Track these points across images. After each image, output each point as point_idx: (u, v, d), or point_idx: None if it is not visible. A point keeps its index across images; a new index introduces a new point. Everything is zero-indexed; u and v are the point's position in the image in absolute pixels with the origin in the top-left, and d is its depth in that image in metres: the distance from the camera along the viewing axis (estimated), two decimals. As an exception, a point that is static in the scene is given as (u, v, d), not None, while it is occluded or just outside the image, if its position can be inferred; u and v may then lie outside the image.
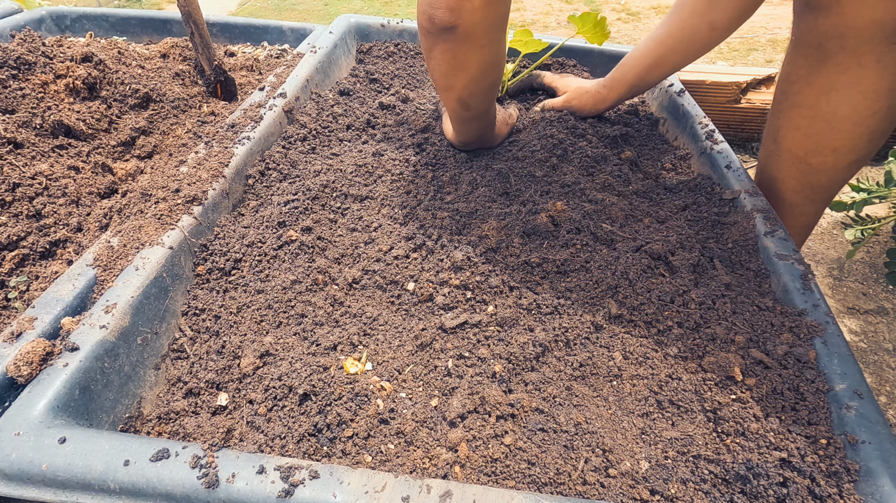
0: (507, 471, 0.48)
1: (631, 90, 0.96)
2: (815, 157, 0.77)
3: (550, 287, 0.64)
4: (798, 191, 0.82)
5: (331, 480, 0.43)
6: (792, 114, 0.77)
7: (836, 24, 0.66)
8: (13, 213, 0.67)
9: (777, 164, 0.83)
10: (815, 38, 0.70)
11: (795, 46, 0.74)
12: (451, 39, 0.61)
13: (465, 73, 0.66)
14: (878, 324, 1.19)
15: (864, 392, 0.52)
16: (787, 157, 0.81)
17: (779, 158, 0.82)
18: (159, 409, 0.55)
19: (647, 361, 0.58)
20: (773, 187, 0.85)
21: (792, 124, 0.78)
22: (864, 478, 0.47)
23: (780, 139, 0.81)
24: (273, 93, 0.94)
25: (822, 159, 0.77)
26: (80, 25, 1.25)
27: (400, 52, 1.23)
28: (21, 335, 0.52)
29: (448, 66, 0.65)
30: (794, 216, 0.85)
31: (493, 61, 0.67)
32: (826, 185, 0.81)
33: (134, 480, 0.42)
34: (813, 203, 0.84)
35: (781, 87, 0.79)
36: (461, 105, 0.73)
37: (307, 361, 0.56)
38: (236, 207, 0.76)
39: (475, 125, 0.81)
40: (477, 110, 0.76)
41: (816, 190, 0.81)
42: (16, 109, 0.75)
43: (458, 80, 0.67)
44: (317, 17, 3.21)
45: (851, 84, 0.70)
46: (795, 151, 0.79)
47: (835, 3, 0.65)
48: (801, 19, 0.72)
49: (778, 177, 0.83)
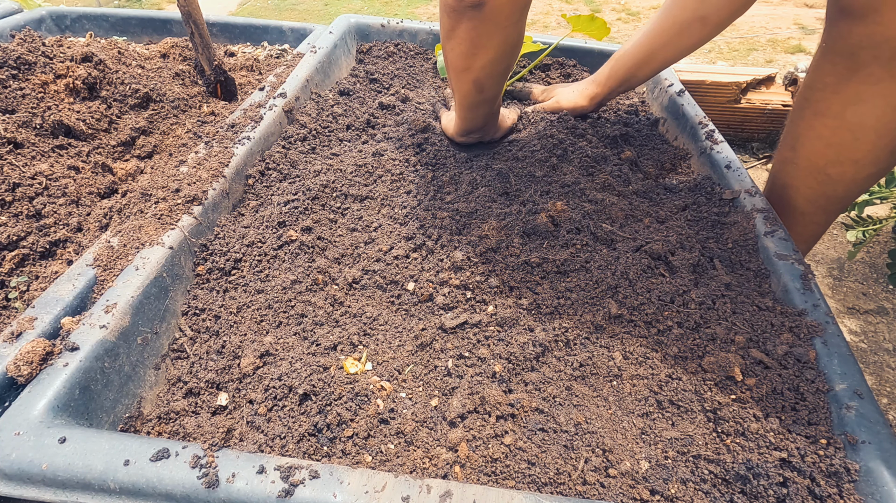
0: (507, 471, 0.48)
1: (622, 85, 0.95)
2: (835, 168, 0.76)
3: (550, 287, 0.64)
4: (812, 200, 0.81)
5: (331, 480, 0.43)
6: (815, 122, 0.75)
7: (871, 34, 0.65)
8: (13, 213, 0.67)
9: (793, 172, 0.81)
10: (847, 46, 0.68)
11: (824, 54, 0.72)
12: (477, 18, 0.62)
13: (486, 53, 0.67)
14: (878, 324, 1.19)
15: (864, 392, 0.52)
16: (805, 166, 0.79)
17: (796, 167, 0.80)
18: (159, 409, 0.55)
19: (647, 361, 0.58)
20: (787, 195, 0.83)
21: (814, 133, 0.76)
22: (864, 478, 0.47)
23: (800, 147, 0.79)
24: (273, 93, 0.94)
25: (841, 170, 0.75)
26: (80, 25, 1.25)
27: (400, 52, 1.23)
28: (21, 335, 0.52)
29: (469, 46, 0.66)
30: (805, 225, 0.84)
31: (515, 42, 0.68)
32: (841, 196, 0.79)
33: (134, 480, 0.42)
34: (825, 213, 0.82)
35: (805, 93, 0.76)
36: (476, 87, 0.73)
37: (307, 361, 0.56)
38: (236, 207, 0.76)
39: (483, 111, 0.81)
40: (490, 93, 0.76)
41: (831, 200, 0.80)
42: (16, 109, 0.75)
43: (478, 60, 0.68)
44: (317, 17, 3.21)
45: (881, 96, 0.68)
46: (815, 161, 0.77)
47: (872, 12, 0.63)
48: (833, 26, 0.69)
49: (793, 185, 0.82)
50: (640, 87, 1.19)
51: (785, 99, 1.80)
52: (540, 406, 0.53)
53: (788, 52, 2.78)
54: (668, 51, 0.87)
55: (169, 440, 0.47)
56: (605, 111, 1.09)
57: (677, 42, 0.85)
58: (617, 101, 1.14)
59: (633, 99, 1.16)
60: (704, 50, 2.85)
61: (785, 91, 1.84)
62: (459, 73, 0.71)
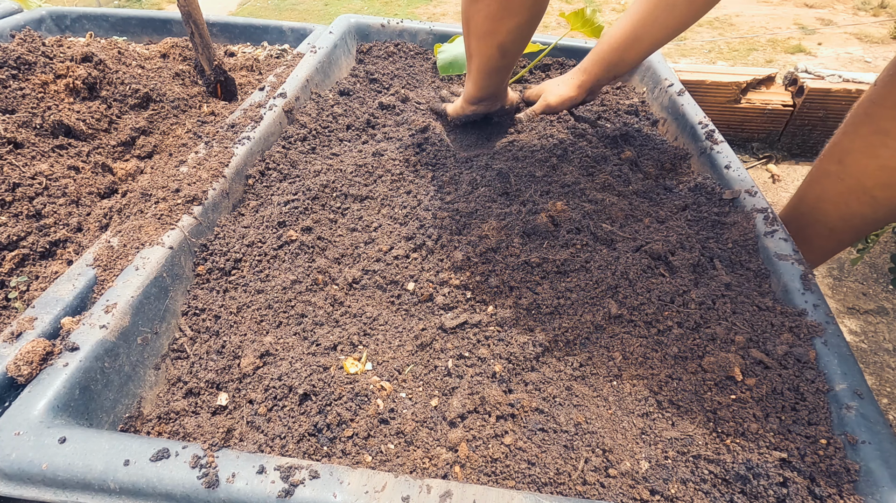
0: (507, 471, 0.48)
1: (609, 70, 0.88)
2: (884, 192, 0.72)
3: (550, 287, 0.64)
4: (847, 219, 0.77)
5: (331, 480, 0.43)
6: (874, 140, 0.71)
7: None
8: (13, 213, 0.67)
9: (834, 186, 0.77)
10: None
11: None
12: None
13: (516, 16, 0.67)
14: (878, 325, 1.19)
15: (864, 392, 0.52)
16: (852, 184, 0.75)
17: (839, 182, 0.76)
18: (159, 409, 0.55)
19: (647, 361, 0.58)
20: (821, 208, 0.79)
21: (870, 151, 0.72)
22: (864, 478, 0.47)
23: (849, 163, 0.74)
24: (273, 93, 0.94)
25: (890, 195, 0.72)
26: (80, 25, 1.25)
27: (400, 52, 1.23)
28: (21, 335, 0.52)
29: (498, 8, 0.66)
30: (830, 240, 0.81)
31: (545, 4, 0.69)
32: (879, 220, 0.76)
33: (134, 480, 0.42)
34: (855, 233, 0.79)
35: (868, 109, 0.72)
36: (500, 51, 0.73)
37: (307, 361, 0.56)
38: (236, 207, 0.76)
39: (501, 77, 0.83)
40: (511, 58, 0.77)
41: (867, 222, 0.77)
42: (16, 109, 0.75)
43: (506, 23, 0.68)
44: (317, 17, 3.21)
45: None
46: (863, 180, 0.73)
47: None
48: None
49: (830, 199, 0.78)
50: (640, 87, 1.19)
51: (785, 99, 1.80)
52: (540, 406, 0.53)
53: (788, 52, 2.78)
54: (655, 31, 0.80)
55: (169, 440, 0.47)
56: (605, 111, 1.09)
57: (664, 21, 0.78)
58: (617, 101, 1.14)
59: (633, 99, 1.16)
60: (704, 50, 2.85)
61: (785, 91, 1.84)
62: (483, 36, 0.71)
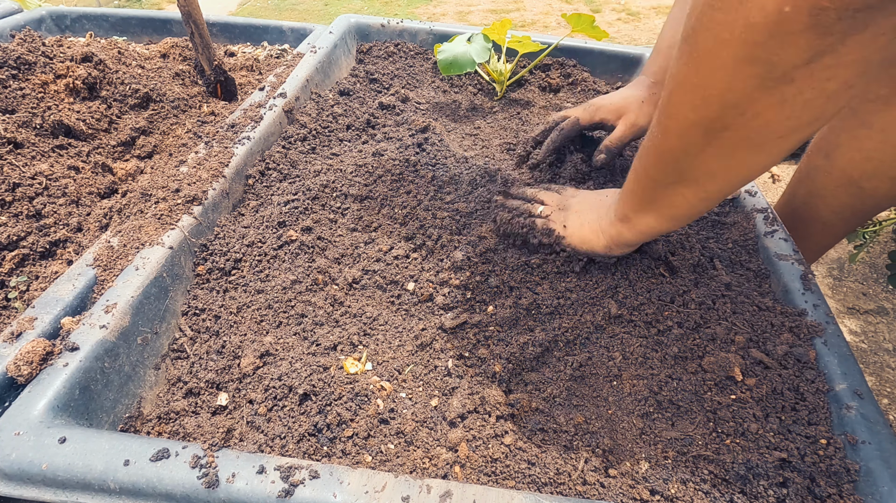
0: (507, 471, 0.48)
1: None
2: (870, 182, 0.74)
3: (550, 287, 0.64)
4: (838, 211, 0.79)
5: (331, 480, 0.43)
6: (858, 133, 0.73)
7: None
8: (13, 213, 0.67)
9: (823, 181, 0.78)
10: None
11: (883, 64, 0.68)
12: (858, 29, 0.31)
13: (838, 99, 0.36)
14: (878, 325, 1.19)
15: (865, 392, 0.52)
16: (839, 177, 0.76)
17: (828, 176, 0.78)
18: (159, 409, 0.55)
19: (647, 361, 0.58)
20: (811, 204, 0.81)
21: (856, 144, 0.73)
22: (864, 478, 0.47)
23: (836, 157, 0.76)
24: (273, 93, 0.94)
25: (876, 185, 0.74)
26: (80, 25, 1.25)
27: (400, 52, 1.23)
28: (21, 335, 0.52)
29: (841, 84, 0.35)
30: (824, 235, 0.82)
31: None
32: (868, 210, 0.78)
33: (134, 480, 0.42)
34: (847, 225, 0.81)
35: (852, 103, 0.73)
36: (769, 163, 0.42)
37: (307, 361, 0.56)
38: (236, 207, 0.76)
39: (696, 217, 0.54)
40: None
41: (857, 213, 0.78)
42: (16, 109, 0.75)
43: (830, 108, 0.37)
44: (317, 17, 3.21)
45: None
46: (850, 172, 0.75)
47: None
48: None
49: (820, 194, 0.80)
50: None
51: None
52: (540, 406, 0.53)
53: (788, 52, 2.78)
54: None
55: (169, 440, 0.47)
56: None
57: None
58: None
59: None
60: (704, 50, 2.84)
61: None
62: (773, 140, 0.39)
